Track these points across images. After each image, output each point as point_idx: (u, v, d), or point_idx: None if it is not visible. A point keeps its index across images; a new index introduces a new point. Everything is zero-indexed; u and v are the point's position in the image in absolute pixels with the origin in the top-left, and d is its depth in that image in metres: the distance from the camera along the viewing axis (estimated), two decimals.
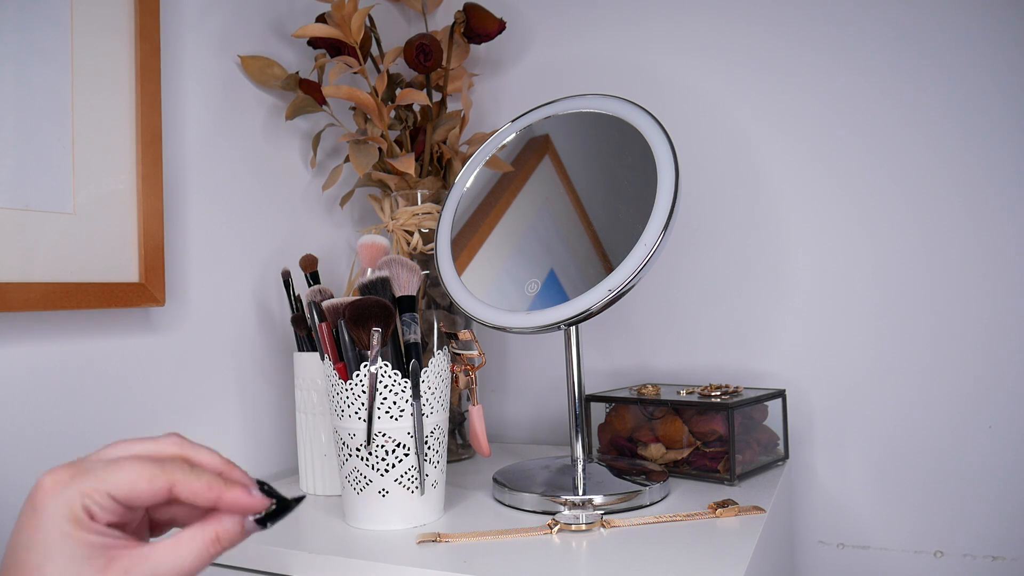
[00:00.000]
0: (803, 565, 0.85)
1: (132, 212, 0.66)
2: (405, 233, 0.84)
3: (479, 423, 0.67)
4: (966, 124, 0.78)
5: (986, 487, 0.77)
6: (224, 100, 0.79)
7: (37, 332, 0.61)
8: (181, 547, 0.35)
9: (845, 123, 0.83)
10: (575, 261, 0.67)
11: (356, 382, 0.58)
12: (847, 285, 0.83)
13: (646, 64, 0.93)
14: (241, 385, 0.79)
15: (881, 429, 0.81)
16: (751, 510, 0.60)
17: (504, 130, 0.76)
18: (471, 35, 0.89)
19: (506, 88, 1.02)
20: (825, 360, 0.84)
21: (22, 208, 0.58)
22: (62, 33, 0.61)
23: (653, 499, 0.64)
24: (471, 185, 0.75)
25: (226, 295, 0.78)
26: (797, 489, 0.85)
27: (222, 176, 0.79)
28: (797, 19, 0.85)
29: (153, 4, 0.68)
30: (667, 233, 0.61)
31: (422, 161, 0.86)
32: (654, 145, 0.66)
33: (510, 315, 0.65)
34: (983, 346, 0.77)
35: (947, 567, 0.78)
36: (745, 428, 0.73)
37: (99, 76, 0.64)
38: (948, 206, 0.79)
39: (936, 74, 0.79)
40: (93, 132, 0.63)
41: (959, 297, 0.78)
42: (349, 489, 0.60)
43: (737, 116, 0.89)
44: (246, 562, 0.57)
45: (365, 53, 0.85)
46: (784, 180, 0.86)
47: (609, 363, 0.95)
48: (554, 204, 0.71)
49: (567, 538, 0.55)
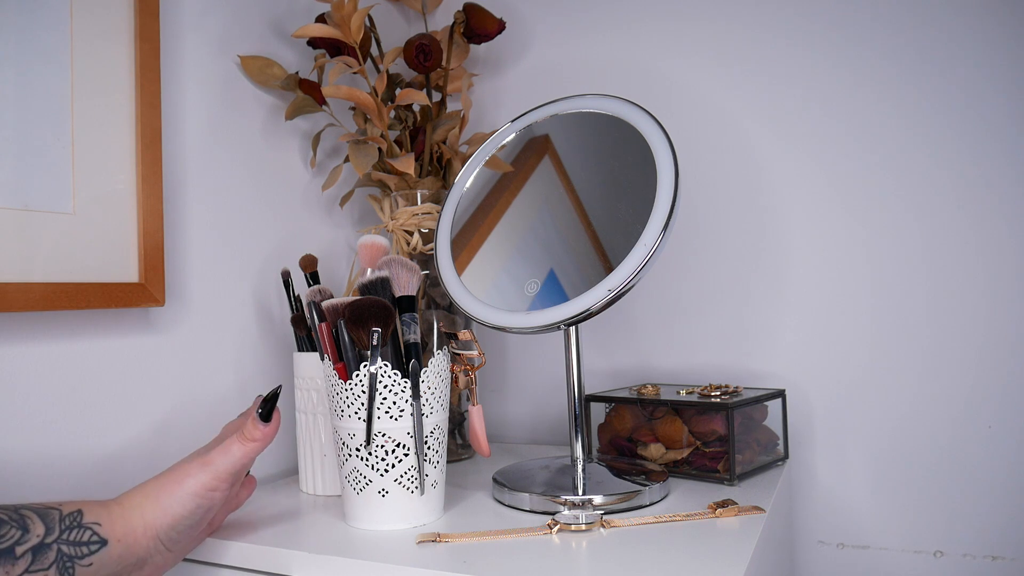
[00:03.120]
0: (803, 565, 0.85)
1: (132, 212, 0.66)
2: (405, 233, 0.84)
3: (479, 423, 0.67)
4: (966, 126, 0.78)
5: (985, 487, 0.77)
6: (224, 100, 0.79)
7: (37, 332, 0.61)
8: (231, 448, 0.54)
9: (845, 125, 0.83)
10: (575, 261, 0.67)
11: (356, 382, 0.58)
12: (847, 285, 0.83)
13: (646, 64, 0.93)
14: (241, 385, 0.79)
15: (881, 429, 0.81)
16: (751, 510, 0.60)
17: (504, 130, 0.76)
18: (471, 35, 0.89)
19: (506, 88, 1.02)
20: (825, 360, 0.84)
21: (22, 208, 0.58)
22: (62, 34, 0.61)
23: (653, 499, 0.64)
24: (471, 185, 0.75)
25: (226, 295, 0.78)
26: (797, 489, 0.85)
27: (222, 176, 0.79)
28: (797, 19, 0.85)
29: (153, 5, 0.68)
30: (667, 233, 0.61)
31: (422, 161, 0.86)
32: (654, 145, 0.66)
33: (510, 315, 0.65)
34: (982, 346, 0.77)
35: (946, 567, 0.78)
36: (745, 428, 0.73)
37: (99, 77, 0.64)
38: (947, 207, 0.79)
39: (936, 77, 0.79)
40: (93, 132, 0.63)
41: (958, 297, 0.78)
42: (349, 489, 0.60)
43: (737, 116, 0.89)
44: (246, 562, 0.57)
45: (365, 53, 0.85)
46: (784, 180, 0.86)
47: (609, 363, 0.95)
48: (554, 204, 0.71)
49: (567, 538, 0.55)
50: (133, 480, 0.69)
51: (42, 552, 0.42)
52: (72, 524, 0.44)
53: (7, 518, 0.41)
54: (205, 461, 0.53)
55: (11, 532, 0.41)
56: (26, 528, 0.42)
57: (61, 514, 0.44)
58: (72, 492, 0.62)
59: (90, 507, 0.46)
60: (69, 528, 0.44)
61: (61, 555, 0.43)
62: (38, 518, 0.43)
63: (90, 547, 0.45)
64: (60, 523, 0.44)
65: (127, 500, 0.50)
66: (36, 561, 0.41)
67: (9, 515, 0.41)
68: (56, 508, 0.44)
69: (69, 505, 0.46)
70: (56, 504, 0.45)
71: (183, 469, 0.53)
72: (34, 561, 0.41)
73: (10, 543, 0.40)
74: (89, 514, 0.46)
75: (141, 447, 0.69)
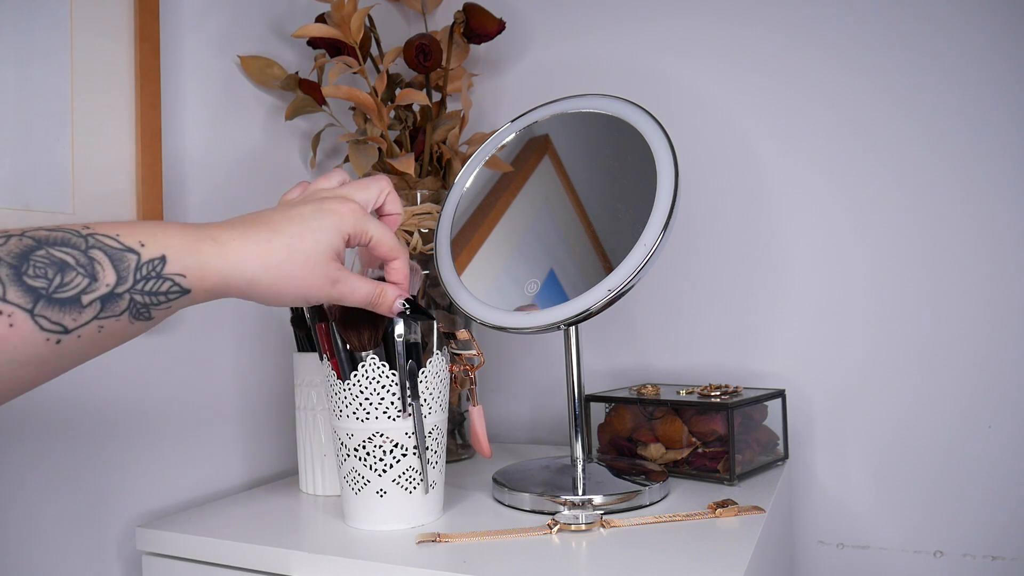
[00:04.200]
0: (803, 565, 0.85)
1: (132, 212, 0.66)
2: (405, 233, 0.84)
3: (479, 424, 0.67)
4: (967, 126, 0.78)
5: (985, 487, 0.77)
6: (224, 100, 0.79)
7: None
8: (362, 283, 0.50)
9: (845, 125, 0.83)
10: (575, 261, 0.67)
11: (354, 382, 0.58)
12: (847, 285, 0.83)
13: (646, 64, 0.93)
14: (241, 385, 0.79)
15: (881, 429, 0.81)
16: (751, 510, 0.60)
17: (504, 130, 0.76)
18: (471, 35, 0.89)
19: (506, 88, 1.02)
20: (825, 360, 0.84)
21: (22, 208, 0.58)
22: (62, 33, 0.61)
23: (653, 499, 0.64)
24: (471, 185, 0.75)
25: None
26: (797, 489, 0.85)
27: (222, 176, 0.79)
28: (797, 19, 0.85)
29: (153, 4, 0.68)
30: (667, 233, 0.61)
31: (422, 161, 0.86)
32: (653, 145, 0.66)
33: (510, 315, 0.65)
34: (982, 346, 0.77)
35: (947, 567, 0.78)
36: (745, 428, 0.73)
37: (99, 76, 0.64)
38: (948, 207, 0.79)
39: (937, 76, 0.79)
40: (93, 132, 0.63)
41: (958, 297, 0.78)
42: (348, 489, 0.60)
43: (738, 117, 0.89)
44: (246, 562, 0.57)
45: (365, 53, 0.85)
46: (784, 180, 0.86)
47: (609, 363, 0.95)
48: (554, 204, 0.71)
49: (567, 538, 0.55)
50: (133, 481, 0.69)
51: (112, 301, 0.37)
52: (150, 274, 0.38)
53: (74, 262, 0.36)
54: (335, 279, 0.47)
55: (76, 279, 0.36)
56: (94, 276, 0.36)
57: (139, 261, 0.38)
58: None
59: (178, 251, 0.40)
60: (146, 278, 0.38)
61: (134, 303, 0.38)
62: (109, 264, 0.37)
63: (168, 296, 0.39)
64: (136, 272, 0.38)
65: (230, 246, 0.42)
66: (105, 309, 0.37)
67: (77, 258, 0.36)
68: (135, 252, 0.38)
69: (152, 244, 0.39)
70: (138, 242, 0.38)
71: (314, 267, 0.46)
72: (103, 309, 0.37)
73: (75, 291, 0.36)
74: (174, 263, 0.39)
75: (141, 447, 0.69)
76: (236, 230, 0.43)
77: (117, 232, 0.38)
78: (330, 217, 0.47)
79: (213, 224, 0.43)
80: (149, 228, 0.40)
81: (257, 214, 0.46)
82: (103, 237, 0.37)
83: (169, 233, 0.40)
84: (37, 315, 0.34)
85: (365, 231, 0.50)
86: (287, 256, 0.44)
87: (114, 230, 0.38)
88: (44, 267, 0.35)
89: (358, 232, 0.49)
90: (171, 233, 0.40)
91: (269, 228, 0.45)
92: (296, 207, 0.47)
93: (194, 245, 0.41)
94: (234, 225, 0.44)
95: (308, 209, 0.47)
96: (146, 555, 0.63)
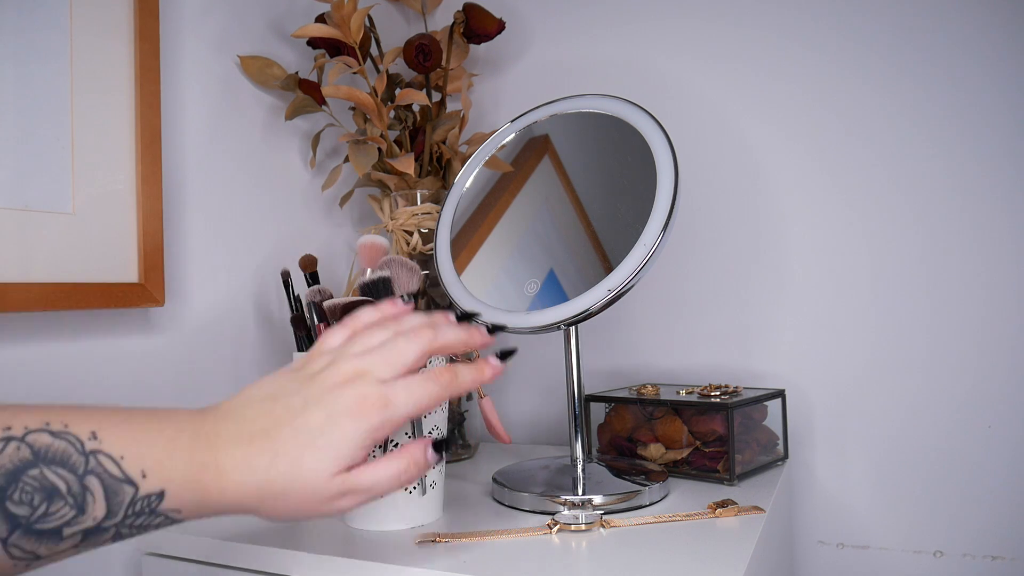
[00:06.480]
0: (803, 565, 0.85)
1: (131, 212, 0.66)
2: (405, 233, 0.84)
3: (492, 414, 0.67)
4: (967, 126, 0.78)
5: (985, 487, 0.77)
6: (223, 100, 0.79)
7: (37, 332, 0.61)
8: (380, 470, 0.40)
9: (845, 124, 0.83)
10: (574, 261, 0.67)
11: None
12: (847, 285, 0.83)
13: (646, 64, 0.93)
14: (241, 385, 0.79)
15: (881, 429, 0.81)
16: (751, 510, 0.60)
17: (503, 130, 0.76)
18: (471, 35, 0.89)
19: (506, 88, 1.02)
20: (825, 360, 0.84)
21: (22, 208, 0.58)
22: (62, 33, 0.61)
23: (653, 499, 0.64)
24: (470, 185, 0.75)
25: (226, 295, 0.78)
26: (797, 489, 0.85)
27: (221, 176, 0.79)
28: (797, 18, 0.85)
29: (153, 4, 0.68)
30: (666, 233, 0.61)
31: (421, 161, 0.86)
32: (653, 145, 0.66)
33: (510, 315, 0.65)
34: (982, 346, 0.77)
35: (947, 567, 0.78)
36: (745, 428, 0.73)
37: (99, 76, 0.64)
38: (948, 207, 0.79)
39: (936, 75, 0.79)
40: (93, 132, 0.63)
41: (958, 297, 0.78)
42: None
43: (737, 116, 0.89)
44: (246, 562, 0.57)
45: (365, 53, 0.85)
46: (784, 180, 0.86)
47: (609, 363, 0.95)
48: (553, 204, 0.71)
49: (567, 538, 0.55)
50: None
51: (96, 533, 0.35)
52: (143, 510, 0.36)
53: (65, 489, 0.33)
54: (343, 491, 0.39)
55: (62, 511, 0.33)
56: (83, 509, 0.34)
57: (135, 495, 0.35)
58: None
59: (178, 486, 0.36)
60: (137, 514, 0.36)
61: (119, 535, 0.36)
62: (102, 497, 0.34)
63: (157, 526, 0.37)
64: (128, 507, 0.35)
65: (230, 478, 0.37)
66: (86, 541, 0.35)
67: (70, 485, 0.33)
68: (134, 485, 0.35)
69: (154, 475, 0.35)
70: (140, 471, 0.35)
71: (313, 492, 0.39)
72: (83, 541, 0.34)
73: (58, 523, 0.33)
74: (172, 498, 0.36)
75: None
76: (240, 449, 0.38)
77: (122, 454, 0.35)
78: (341, 428, 0.39)
79: (218, 429, 0.39)
80: (158, 448, 0.36)
81: (263, 410, 0.40)
82: (105, 459, 0.35)
83: (175, 456, 0.37)
84: (11, 544, 0.33)
85: (392, 419, 0.40)
86: (286, 486, 0.38)
87: (120, 447, 0.35)
88: (32, 492, 0.33)
89: (385, 424, 0.40)
90: (176, 457, 0.37)
91: (272, 448, 0.38)
92: (306, 407, 0.40)
93: (195, 476, 0.37)
94: (240, 438, 0.39)
95: (317, 416, 0.39)
96: (146, 555, 0.63)
